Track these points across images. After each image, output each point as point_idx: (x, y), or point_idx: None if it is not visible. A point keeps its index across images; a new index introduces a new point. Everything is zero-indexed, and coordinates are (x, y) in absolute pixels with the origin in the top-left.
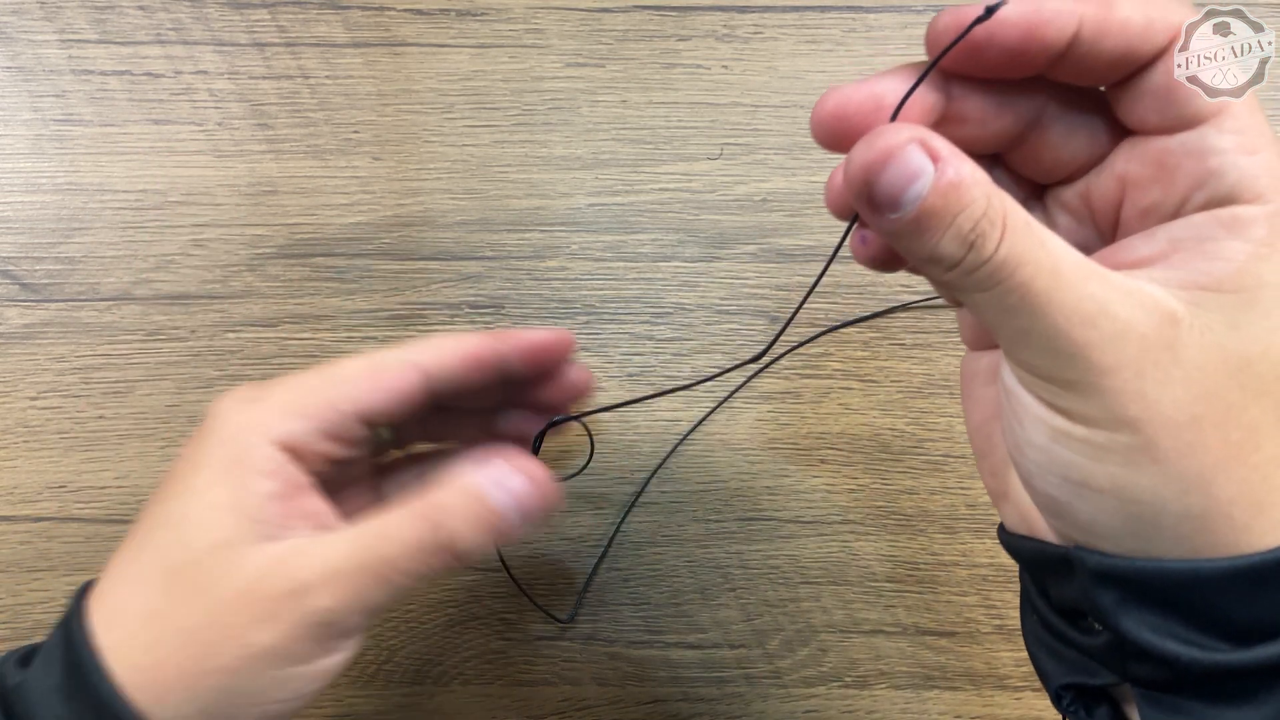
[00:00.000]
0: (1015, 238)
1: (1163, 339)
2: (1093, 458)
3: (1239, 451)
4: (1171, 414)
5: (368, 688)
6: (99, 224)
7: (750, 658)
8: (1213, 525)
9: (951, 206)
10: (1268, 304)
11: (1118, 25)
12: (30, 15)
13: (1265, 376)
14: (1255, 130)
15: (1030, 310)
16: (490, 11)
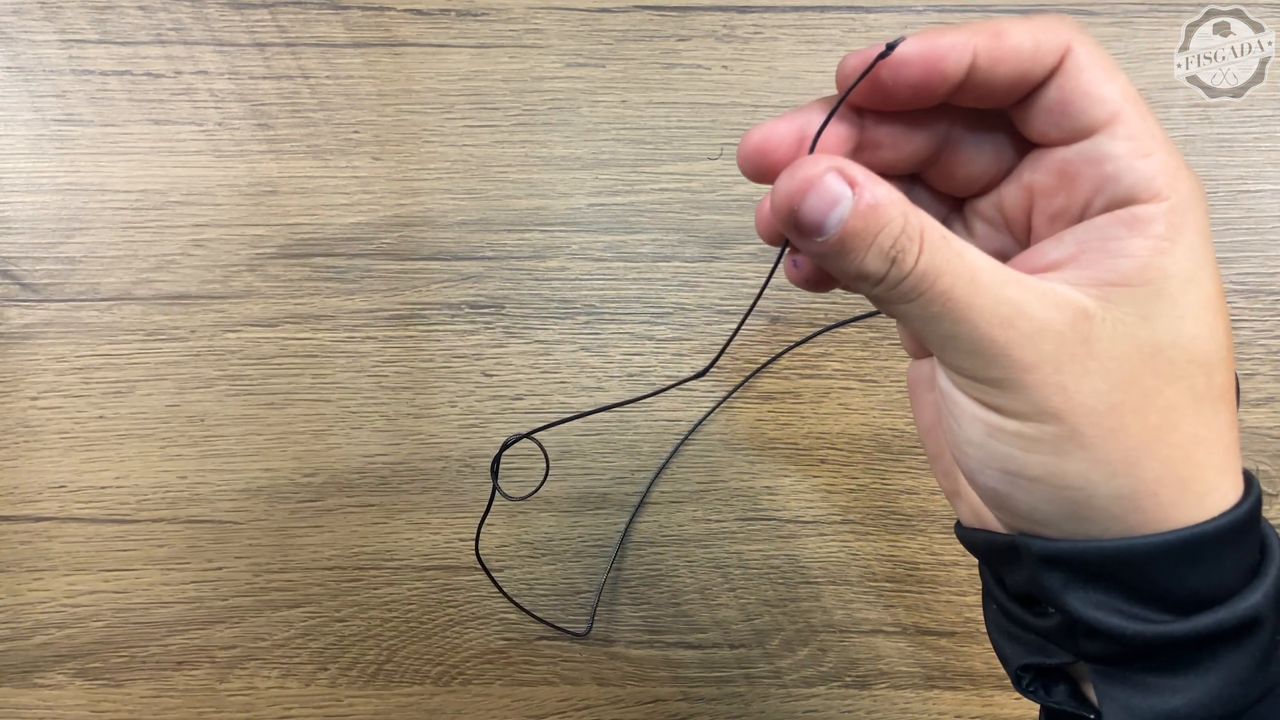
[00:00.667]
0: (933, 251)
1: (1078, 334)
2: (1025, 449)
3: (1159, 433)
4: (1092, 403)
5: (368, 687)
6: (99, 224)
7: (750, 658)
8: (1142, 504)
9: (871, 227)
10: (1173, 294)
11: (1010, 52)
12: (31, 15)
13: (1177, 361)
14: (1146, 134)
15: (953, 317)
16: (490, 11)
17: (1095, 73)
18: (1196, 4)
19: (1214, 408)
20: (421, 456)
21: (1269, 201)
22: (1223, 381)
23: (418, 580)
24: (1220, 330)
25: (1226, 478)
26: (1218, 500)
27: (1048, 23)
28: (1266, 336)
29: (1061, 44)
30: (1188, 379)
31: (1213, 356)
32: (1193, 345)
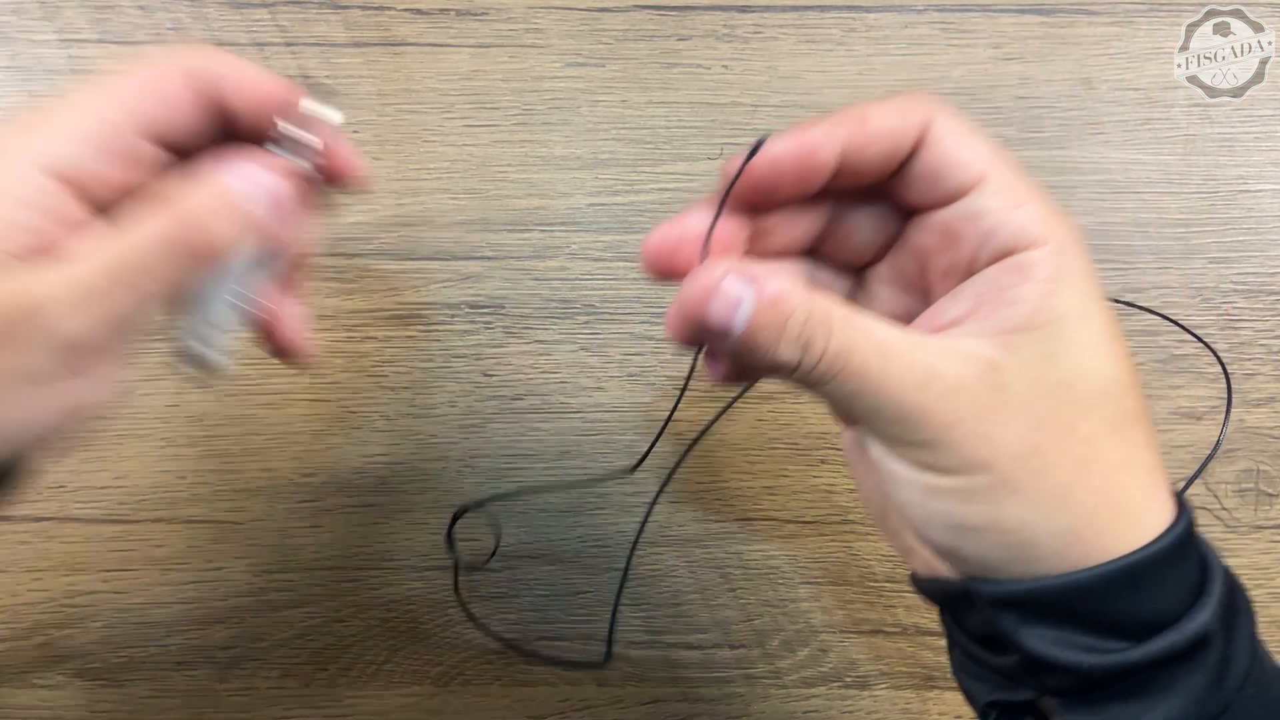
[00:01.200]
0: (840, 331)
1: (989, 384)
2: (963, 502)
3: (1084, 464)
4: (1015, 448)
5: (367, 688)
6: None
7: (750, 658)
8: (1082, 536)
9: (777, 319)
10: (1069, 332)
11: (875, 135)
12: (30, 15)
13: (1087, 394)
14: (1016, 187)
15: (871, 390)
16: (490, 11)
17: (957, 139)
18: (1197, 4)
19: (1130, 432)
20: (421, 457)
21: (1269, 201)
22: (1133, 406)
23: (417, 580)
24: (1120, 358)
25: (1156, 498)
26: (1152, 522)
27: (906, 101)
28: (1267, 336)
29: (921, 119)
30: (1099, 409)
31: (1118, 384)
32: (1097, 377)
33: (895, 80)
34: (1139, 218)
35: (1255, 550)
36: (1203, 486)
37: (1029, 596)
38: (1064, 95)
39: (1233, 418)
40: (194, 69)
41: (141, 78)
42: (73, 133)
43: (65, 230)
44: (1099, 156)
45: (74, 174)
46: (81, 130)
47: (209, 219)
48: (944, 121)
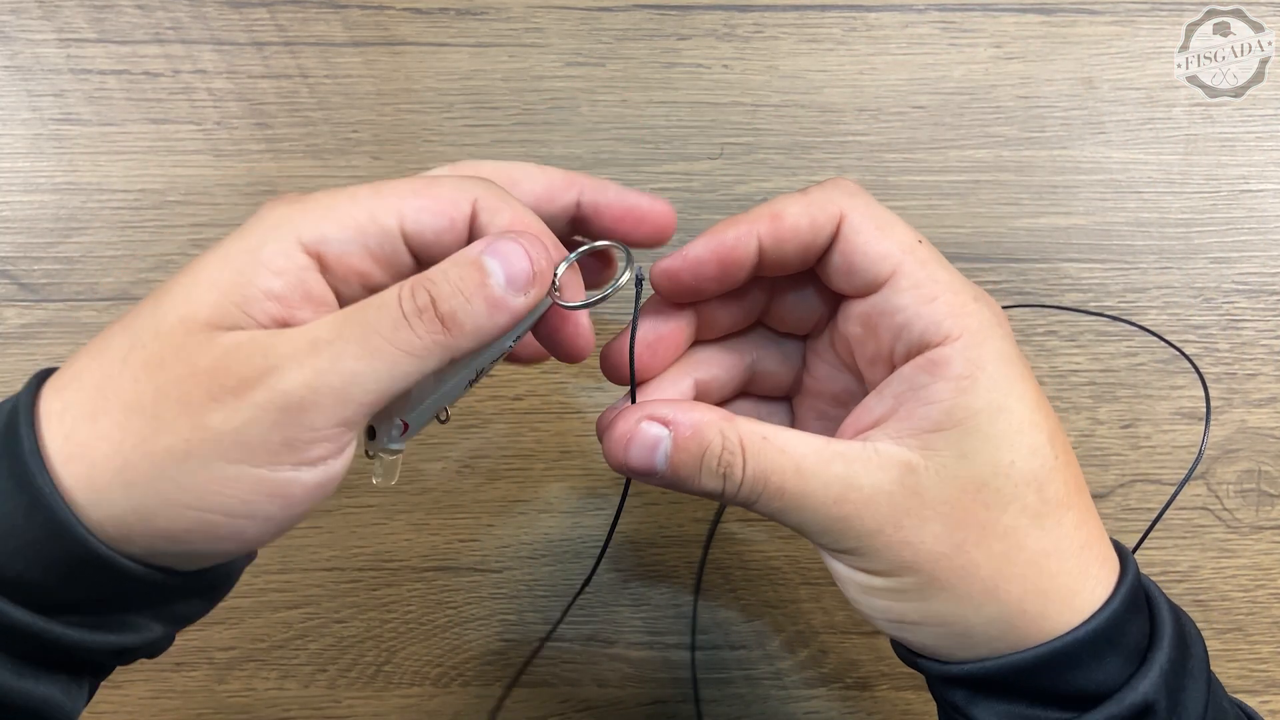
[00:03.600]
0: (756, 456)
1: (907, 489)
2: (897, 599)
3: (1006, 557)
4: (937, 548)
5: (367, 688)
6: (97, 224)
7: (751, 659)
8: (1016, 623)
9: (695, 453)
10: (983, 428)
11: (789, 232)
12: (29, 14)
13: (1004, 489)
14: (929, 281)
15: (793, 507)
16: (489, 10)
17: (869, 234)
18: (1197, 4)
19: (1055, 518)
20: (420, 457)
21: (1271, 201)
22: (1058, 491)
23: (417, 581)
24: (1040, 446)
25: (1089, 577)
26: (1085, 602)
27: (822, 195)
28: (1268, 337)
29: (834, 214)
30: (1018, 501)
31: (1039, 473)
32: (1014, 470)
33: (896, 80)
34: (1140, 217)
35: (1256, 550)
36: (1204, 487)
37: (971, 676)
38: (1065, 95)
39: (1234, 418)
40: (482, 202)
41: (433, 197)
42: (342, 219)
43: (308, 304)
44: (1100, 156)
45: (327, 255)
46: (352, 220)
47: (444, 288)
48: (858, 215)
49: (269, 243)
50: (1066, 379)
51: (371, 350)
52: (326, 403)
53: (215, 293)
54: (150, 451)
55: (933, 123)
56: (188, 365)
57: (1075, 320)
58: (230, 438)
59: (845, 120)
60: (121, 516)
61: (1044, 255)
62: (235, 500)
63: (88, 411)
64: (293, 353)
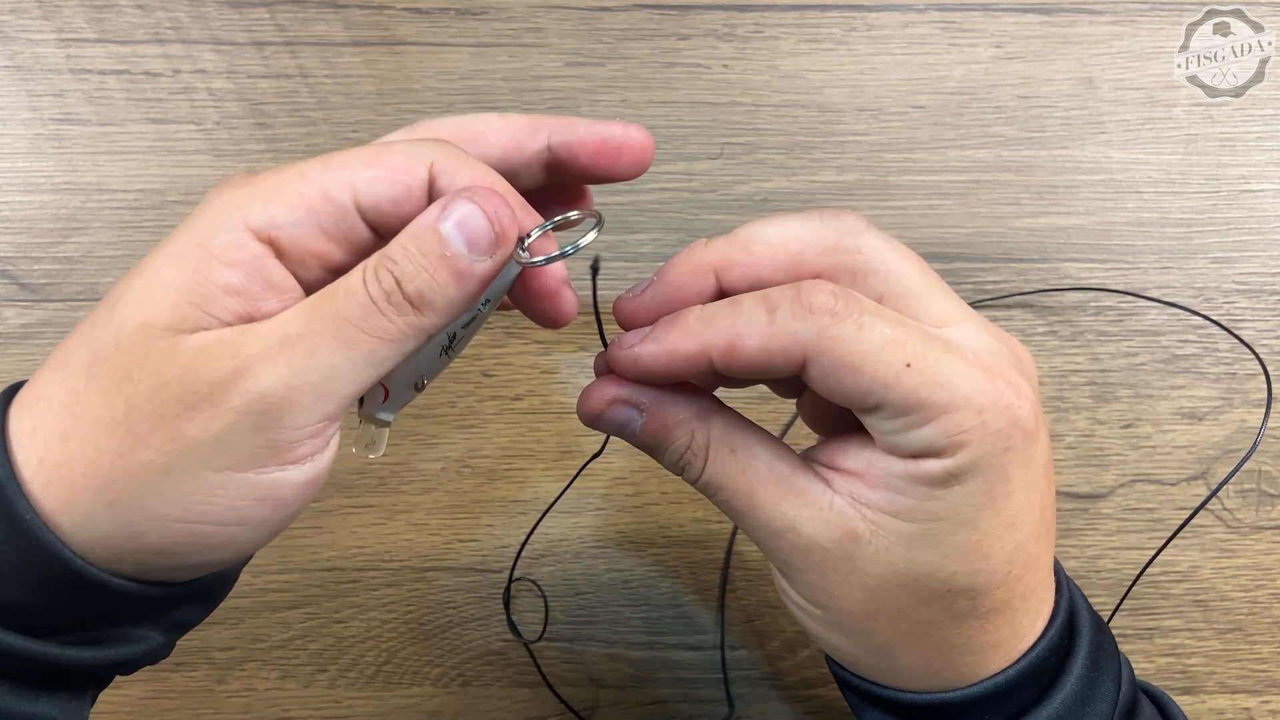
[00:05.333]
0: (715, 467)
1: (843, 552)
2: (807, 618)
3: (910, 638)
4: (849, 607)
5: (367, 689)
6: (97, 224)
7: (751, 659)
8: (896, 679)
9: (659, 444)
10: (939, 535)
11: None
12: (28, 14)
13: (934, 589)
14: (919, 408)
15: (734, 518)
16: (490, 10)
17: (841, 375)
18: (1197, 4)
19: (978, 623)
20: (421, 457)
21: (1271, 201)
22: (995, 601)
23: (417, 581)
24: (993, 568)
25: (989, 665)
26: (975, 677)
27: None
28: (1269, 336)
29: (796, 358)
30: (944, 602)
31: (979, 588)
32: (953, 579)
33: (896, 80)
34: (1141, 217)
35: (1257, 551)
36: (1204, 487)
37: (859, 690)
38: (1065, 95)
39: (1234, 418)
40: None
41: (385, 165)
42: (291, 199)
43: (270, 294)
44: (1101, 156)
45: (281, 239)
46: (302, 199)
47: (407, 265)
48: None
49: (218, 233)
50: (1067, 379)
51: (346, 341)
52: (307, 400)
53: (171, 294)
54: (129, 467)
55: (933, 123)
56: (155, 375)
57: (1075, 320)
58: (210, 446)
59: (845, 120)
60: (109, 535)
61: (1044, 255)
62: (223, 508)
63: (58, 431)
64: (264, 351)
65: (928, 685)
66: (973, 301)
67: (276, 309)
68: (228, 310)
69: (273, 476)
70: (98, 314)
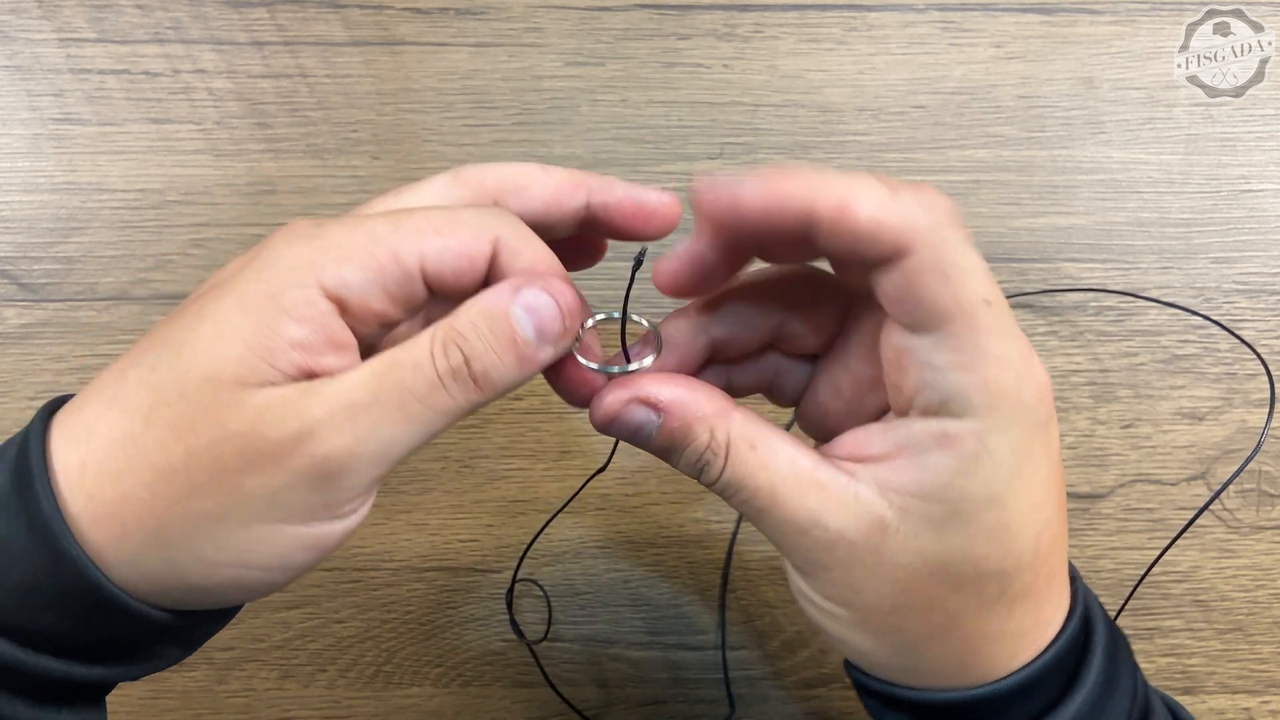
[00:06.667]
0: (736, 465)
1: (870, 544)
2: (828, 619)
3: (940, 630)
4: (877, 603)
5: (367, 689)
6: (97, 223)
7: (751, 659)
8: (924, 676)
9: (677, 444)
10: (969, 514)
11: (848, 232)
12: (28, 14)
13: (964, 575)
14: (974, 349)
15: (757, 518)
16: (489, 10)
17: (933, 278)
18: (1197, 4)
19: (1005, 609)
20: (421, 457)
21: (1271, 201)
22: (1023, 585)
23: (417, 581)
24: (1022, 548)
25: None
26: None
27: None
28: (1269, 336)
29: (905, 242)
30: (975, 588)
31: (1009, 570)
32: (983, 563)
33: (896, 80)
34: (1141, 217)
35: (1257, 551)
36: (1204, 487)
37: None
38: (1065, 94)
39: (1235, 418)
40: (504, 242)
41: (455, 237)
42: (362, 261)
43: (331, 350)
44: (1101, 156)
45: (348, 299)
46: (374, 262)
47: (477, 345)
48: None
49: (290, 289)
50: (1067, 379)
51: (409, 414)
52: (364, 466)
53: (240, 346)
54: (185, 514)
55: (933, 123)
56: (219, 428)
57: (1076, 320)
58: (266, 500)
59: (845, 120)
60: (155, 574)
61: (1044, 255)
62: (271, 556)
63: (111, 470)
64: (329, 417)
65: (956, 682)
66: None
67: (335, 365)
68: (291, 364)
69: (318, 529)
70: (160, 354)
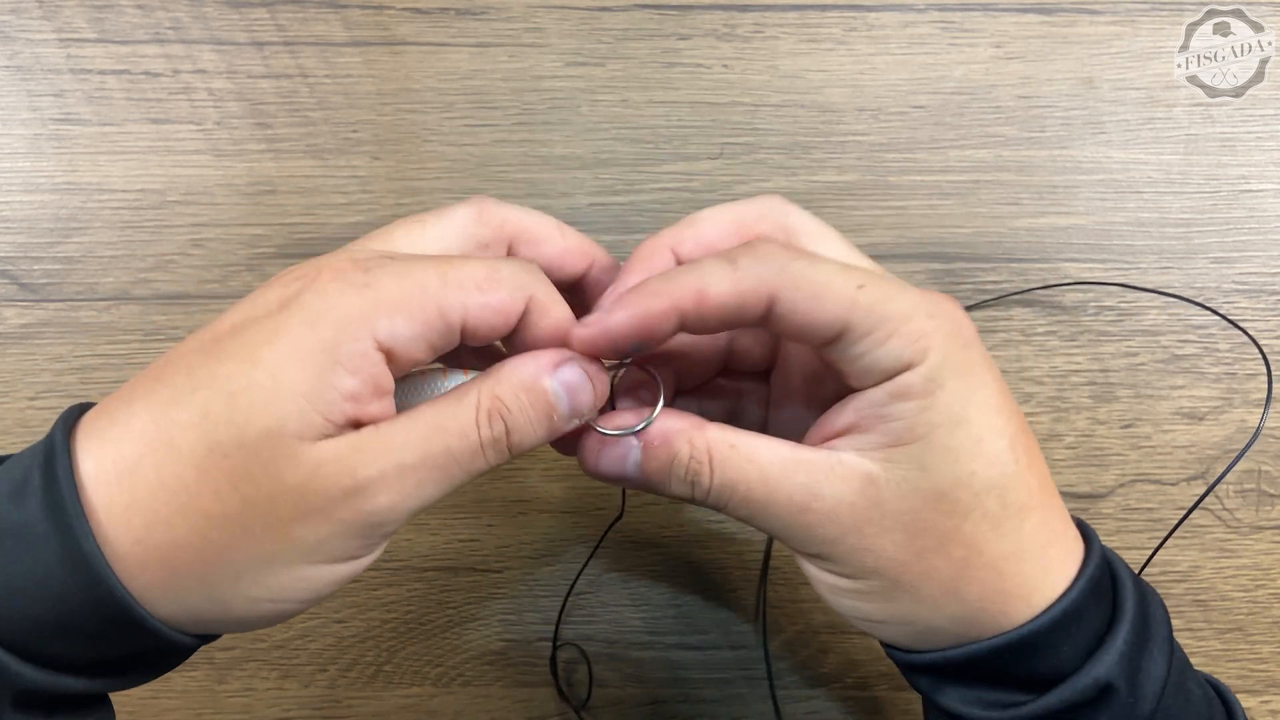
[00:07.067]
0: (723, 466)
1: (867, 499)
2: (864, 600)
3: (966, 562)
4: (898, 555)
5: (367, 689)
6: (97, 224)
7: (751, 659)
8: (977, 620)
9: (664, 462)
10: (942, 440)
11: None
12: (29, 14)
13: (964, 499)
14: (879, 324)
15: (760, 514)
16: (489, 10)
17: (806, 307)
18: (1197, 4)
19: (1015, 522)
20: None
21: (1271, 201)
22: (1020, 495)
23: (417, 581)
24: (1001, 453)
25: (1048, 573)
26: (1045, 594)
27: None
28: (1269, 337)
29: (763, 296)
30: (979, 508)
31: (1000, 480)
32: (974, 479)
33: (896, 80)
34: (1140, 217)
35: (1257, 551)
36: (1204, 487)
37: (933, 665)
38: (1065, 94)
39: (1234, 418)
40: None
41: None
42: (412, 316)
43: (376, 398)
44: (1101, 156)
45: (396, 350)
46: (421, 316)
47: (517, 418)
48: (789, 293)
49: (346, 342)
50: (1067, 379)
51: (449, 476)
52: (403, 518)
53: (300, 401)
54: (234, 560)
55: (933, 123)
56: (276, 481)
57: (1075, 320)
58: (313, 547)
59: (845, 120)
60: (197, 610)
61: (1044, 255)
62: (309, 591)
63: (162, 517)
64: (380, 477)
65: (1006, 614)
66: (973, 303)
67: (378, 412)
68: (343, 414)
69: (352, 566)
70: (212, 398)
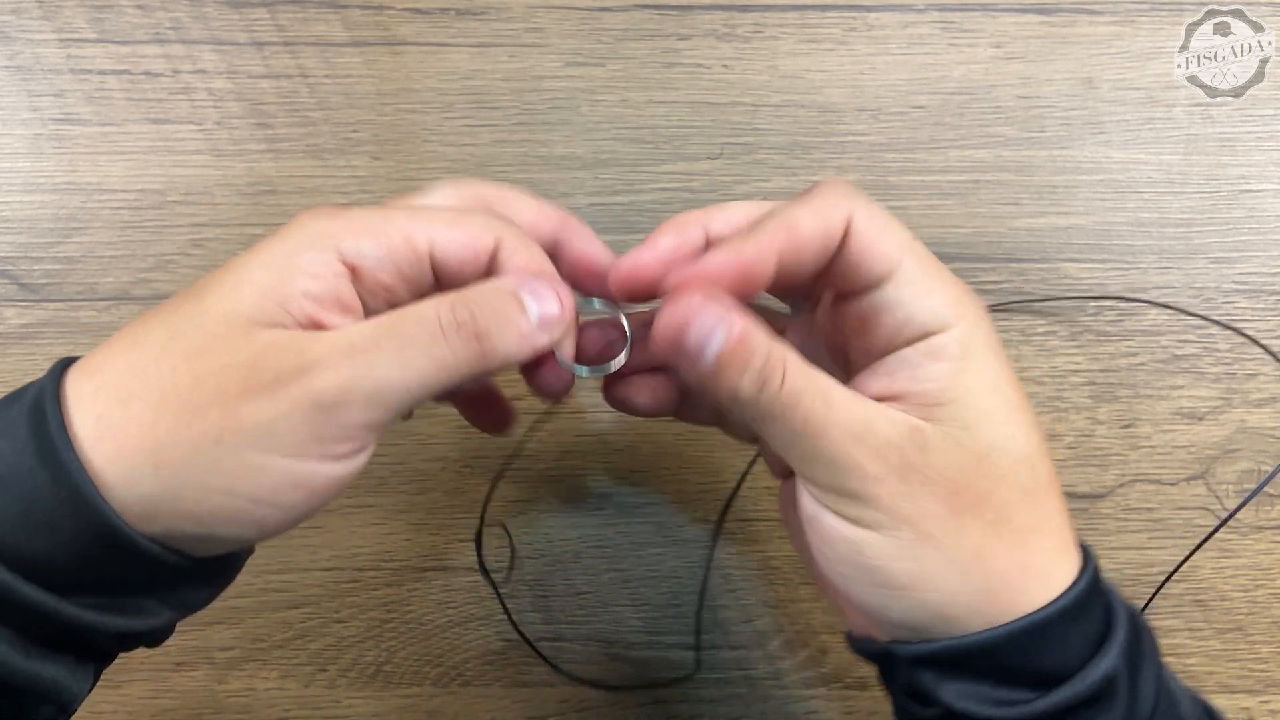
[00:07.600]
0: (795, 375)
1: (915, 444)
2: (889, 558)
3: (995, 528)
4: (935, 508)
5: (367, 689)
6: (97, 224)
7: (751, 659)
8: (998, 596)
9: (742, 355)
10: (981, 403)
11: (806, 242)
12: (29, 14)
13: (1000, 463)
14: (925, 277)
15: (813, 433)
16: (490, 10)
17: (873, 236)
18: (1197, 4)
19: (1041, 497)
20: (420, 457)
21: (1271, 201)
22: (1044, 473)
23: (417, 581)
24: (1030, 427)
25: (1063, 558)
26: (1057, 581)
27: (828, 200)
28: (1268, 337)
29: (843, 219)
30: (1013, 476)
31: (1031, 452)
32: (1010, 446)
33: (896, 80)
34: (1140, 217)
35: (1256, 551)
36: (1204, 487)
37: (943, 654)
38: (1065, 95)
39: (1234, 418)
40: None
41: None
42: (379, 238)
43: (338, 309)
44: (1100, 156)
45: (362, 268)
46: (388, 240)
47: (484, 313)
48: (863, 216)
49: (309, 250)
50: (1067, 379)
51: (405, 360)
52: (357, 404)
53: (258, 291)
54: (184, 436)
55: (933, 123)
56: (226, 356)
57: (1075, 320)
58: (262, 428)
59: (845, 120)
60: (149, 497)
61: (1044, 255)
62: (263, 487)
63: (120, 395)
64: (329, 354)
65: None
66: None
67: (340, 324)
68: (302, 312)
69: (311, 467)
70: (182, 301)
